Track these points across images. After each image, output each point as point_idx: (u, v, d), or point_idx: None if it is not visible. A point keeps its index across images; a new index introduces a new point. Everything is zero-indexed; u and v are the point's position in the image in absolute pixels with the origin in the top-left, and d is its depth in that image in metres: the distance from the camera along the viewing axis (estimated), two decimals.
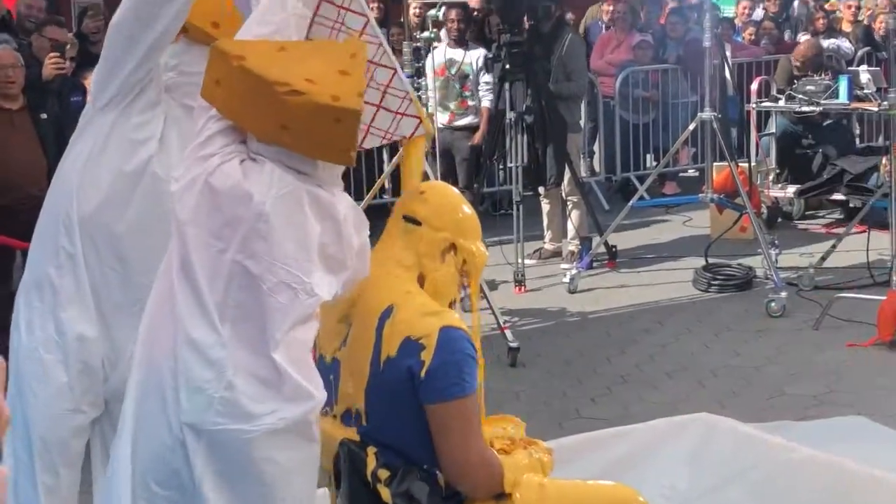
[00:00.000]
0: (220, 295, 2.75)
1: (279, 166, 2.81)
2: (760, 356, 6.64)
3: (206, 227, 2.80)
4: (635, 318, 7.64)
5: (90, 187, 3.39)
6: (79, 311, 3.40)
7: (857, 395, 5.87)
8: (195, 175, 2.84)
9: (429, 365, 2.98)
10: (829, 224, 10.09)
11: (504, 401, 5.89)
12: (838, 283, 7.89)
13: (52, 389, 3.40)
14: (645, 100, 11.57)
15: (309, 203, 2.80)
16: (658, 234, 10.05)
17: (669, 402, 5.83)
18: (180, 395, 2.75)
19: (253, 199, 2.76)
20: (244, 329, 2.75)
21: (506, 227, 8.57)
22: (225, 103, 2.86)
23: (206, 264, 2.78)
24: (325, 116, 2.76)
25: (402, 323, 3.03)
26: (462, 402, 3.01)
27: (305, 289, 2.77)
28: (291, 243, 2.77)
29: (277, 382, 2.73)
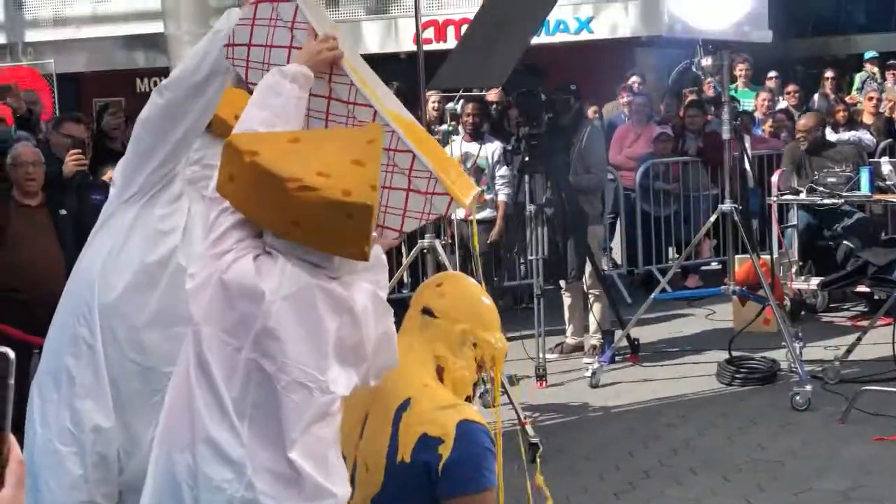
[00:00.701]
0: (237, 392, 2.76)
1: (293, 261, 2.81)
2: (786, 450, 6.58)
3: (220, 325, 2.81)
4: (659, 412, 7.60)
5: (112, 277, 3.43)
6: (96, 401, 3.41)
7: (887, 490, 5.80)
8: (209, 272, 2.86)
9: (447, 459, 2.97)
10: (854, 316, 10.05)
11: (523, 497, 5.84)
12: (864, 375, 7.83)
13: (66, 481, 3.40)
14: (666, 192, 11.63)
15: (323, 300, 2.80)
16: (681, 327, 10.03)
17: (694, 498, 5.78)
18: (200, 494, 2.74)
19: (265, 297, 2.76)
20: (263, 427, 2.74)
21: (527, 321, 8.57)
22: (238, 198, 2.88)
23: (222, 363, 2.79)
24: (337, 212, 2.76)
25: (419, 416, 3.03)
26: (481, 496, 3.01)
27: (321, 387, 2.76)
28: (304, 342, 2.77)
29: (297, 482, 2.72)
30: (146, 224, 3.45)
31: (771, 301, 8.18)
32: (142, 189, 3.45)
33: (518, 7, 7.30)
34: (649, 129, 11.93)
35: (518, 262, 10.63)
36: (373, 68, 3.61)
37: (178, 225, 3.49)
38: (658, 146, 11.68)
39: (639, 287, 11.50)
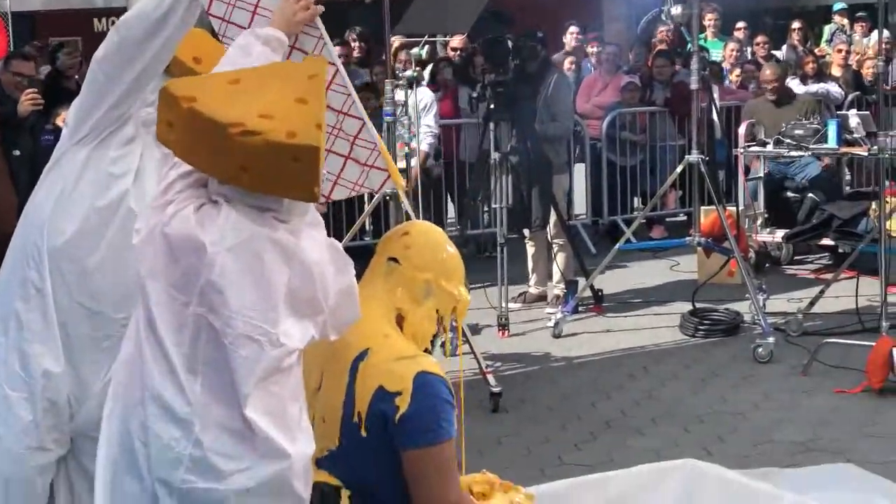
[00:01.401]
0: (186, 348, 2.71)
1: (238, 209, 2.76)
2: (747, 402, 6.62)
3: (166, 279, 2.75)
4: (621, 363, 7.62)
5: (62, 220, 3.37)
6: (45, 345, 3.37)
7: (845, 443, 5.85)
8: (153, 225, 2.81)
9: (404, 410, 2.97)
10: (818, 269, 10.10)
11: (485, 447, 5.86)
12: (827, 328, 7.88)
13: (17, 427, 3.37)
14: (632, 142, 11.62)
15: (270, 250, 2.74)
16: (645, 278, 10.05)
17: (654, 449, 5.80)
18: (150, 451, 2.71)
19: (206, 250, 2.70)
20: (215, 383, 2.70)
21: (490, 270, 8.57)
22: (181, 147, 2.80)
23: (170, 318, 2.74)
24: (283, 156, 2.70)
25: (376, 367, 3.02)
26: (439, 447, 3.00)
27: (271, 340, 2.71)
28: (251, 294, 2.71)
29: (250, 438, 2.69)
30: (98, 167, 3.38)
31: (735, 253, 8.20)
32: (94, 130, 3.39)
33: None
34: (617, 79, 11.90)
35: (482, 211, 10.62)
36: (337, 13, 3.56)
37: (130, 168, 3.42)
38: (625, 95, 11.66)
39: (603, 237, 11.53)
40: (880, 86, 7.94)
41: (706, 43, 13.07)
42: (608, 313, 8.82)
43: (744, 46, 13.68)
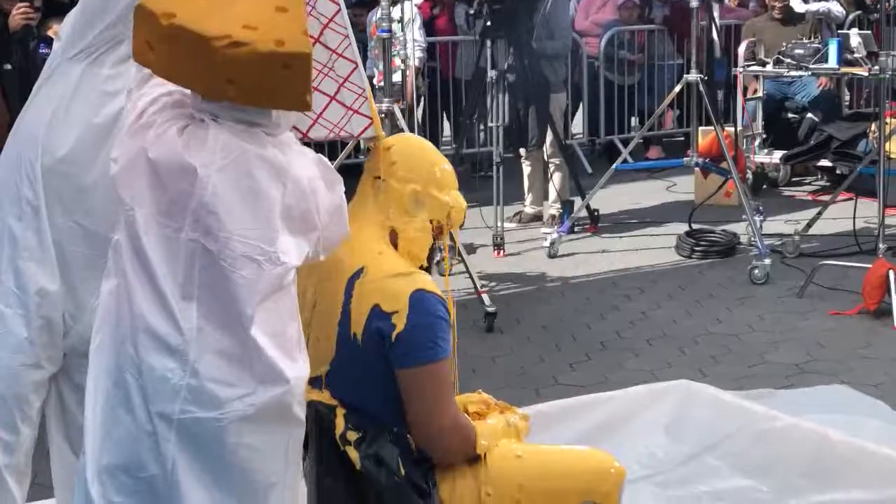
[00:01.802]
0: (182, 277, 2.67)
1: (226, 128, 2.70)
2: (742, 324, 6.65)
3: (154, 207, 2.70)
4: (616, 284, 7.64)
5: (57, 137, 3.33)
6: (40, 264, 3.35)
7: (840, 364, 5.87)
8: (134, 152, 2.74)
9: (400, 328, 2.96)
10: (816, 191, 10.11)
11: (480, 367, 5.89)
12: (823, 250, 7.90)
13: (11, 344, 3.36)
14: (630, 61, 11.54)
15: (260, 167, 2.69)
16: (641, 198, 10.04)
17: (649, 370, 5.82)
18: (145, 384, 2.69)
19: (197, 173, 2.65)
20: (213, 308, 2.66)
21: (485, 190, 8.55)
22: (161, 65, 2.72)
23: (161, 248, 2.69)
24: (273, 65, 2.63)
25: (372, 284, 3.01)
26: (435, 366, 3.00)
27: (270, 258, 2.67)
28: (246, 214, 2.67)
29: (249, 362, 2.66)
30: (92, 84, 3.33)
31: (733, 174, 8.18)
32: (89, 47, 3.33)
33: None
34: None
35: (477, 129, 10.58)
36: None
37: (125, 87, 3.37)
38: (624, 13, 11.58)
39: (600, 157, 11.51)
40: (883, 5, 7.87)
41: None
42: (604, 234, 8.84)
43: None
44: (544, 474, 3.19)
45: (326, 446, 3.07)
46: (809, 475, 4.44)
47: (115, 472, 2.71)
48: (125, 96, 3.23)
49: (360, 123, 3.43)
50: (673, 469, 4.72)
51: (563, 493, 3.18)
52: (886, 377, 5.64)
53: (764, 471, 4.57)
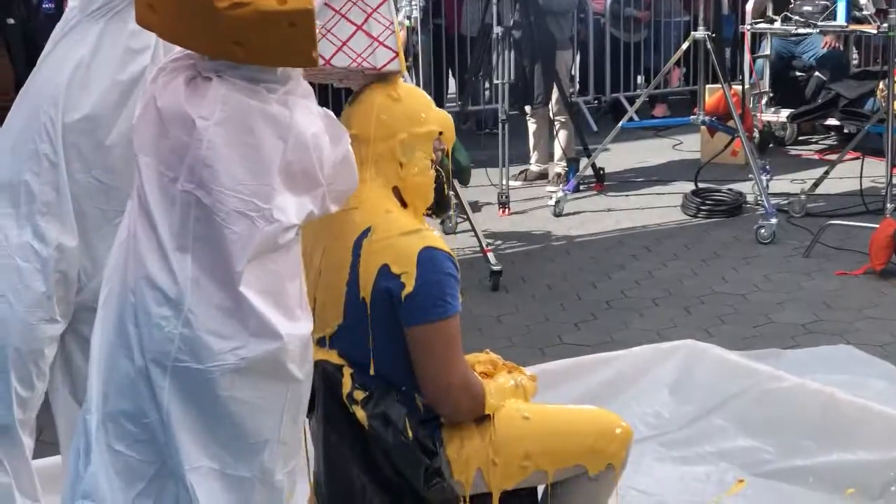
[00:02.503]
0: (177, 227, 2.67)
1: (229, 84, 2.68)
2: (748, 283, 6.66)
3: (156, 155, 2.70)
4: (622, 242, 7.65)
5: (79, 94, 3.32)
6: (59, 219, 3.36)
7: (846, 324, 5.89)
8: (147, 99, 2.75)
9: (409, 288, 2.96)
10: (823, 150, 10.09)
11: (485, 325, 5.91)
12: (830, 210, 7.90)
13: (29, 299, 3.37)
14: (636, 18, 11.49)
15: (262, 124, 2.68)
16: (647, 156, 10.04)
17: (654, 329, 5.84)
18: (142, 332, 2.70)
19: (195, 124, 2.64)
20: (208, 261, 2.66)
21: (490, 147, 8.55)
22: (166, 29, 2.72)
23: (160, 195, 2.69)
24: (279, 23, 2.62)
25: (380, 242, 3.01)
26: (445, 323, 3.00)
27: (264, 215, 2.65)
28: (242, 169, 2.65)
29: (241, 316, 2.66)
30: (116, 41, 3.32)
31: (740, 132, 8.18)
32: (109, 2, 3.32)
33: None
34: None
35: (483, 87, 10.54)
36: None
37: (149, 43, 3.35)
38: None
39: (605, 115, 11.47)
40: None
41: None
42: (609, 192, 8.84)
43: None
44: (551, 435, 3.20)
45: (333, 405, 3.08)
46: (815, 435, 4.46)
47: (118, 418, 2.73)
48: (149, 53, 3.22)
49: (384, 56, 3.40)
50: (678, 429, 4.75)
51: (570, 453, 3.20)
52: (892, 337, 5.66)
53: (769, 431, 4.58)
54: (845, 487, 4.21)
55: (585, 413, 3.40)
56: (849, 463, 4.29)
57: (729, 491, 4.36)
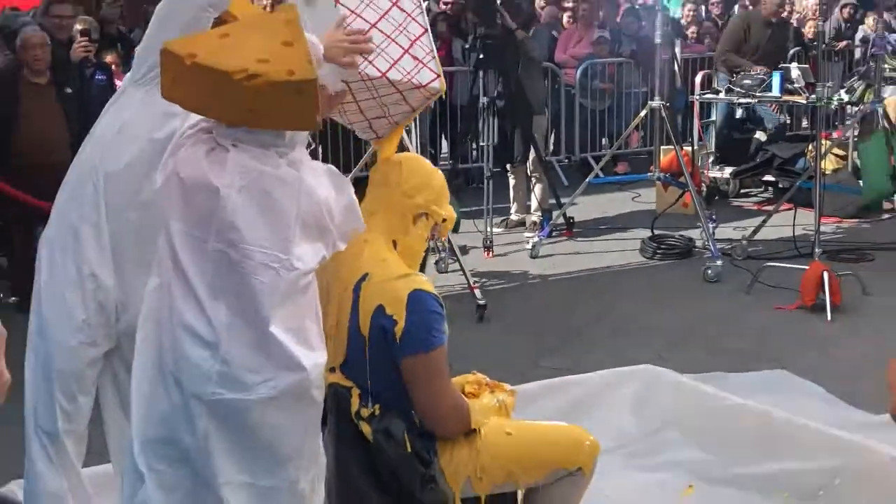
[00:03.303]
0: (210, 278, 2.69)
1: (245, 152, 2.71)
2: (697, 316, 6.66)
3: (185, 219, 2.72)
4: (589, 281, 7.65)
5: (122, 148, 3.36)
6: (98, 257, 3.38)
7: (781, 352, 5.88)
8: (170, 171, 2.77)
9: (401, 325, 2.97)
10: (761, 202, 10.10)
11: (472, 352, 5.86)
12: (767, 254, 7.90)
13: (71, 325, 3.39)
14: (601, 89, 11.55)
15: (277, 187, 2.70)
16: (610, 207, 10.04)
17: (617, 355, 5.81)
18: (181, 372, 2.72)
19: (219, 192, 2.66)
20: (238, 306, 2.67)
21: (477, 199, 8.56)
22: (188, 100, 2.75)
23: (191, 254, 2.72)
24: (288, 92, 2.64)
25: (376, 286, 3.02)
26: (432, 354, 3.00)
27: (285, 265, 2.68)
28: (263, 227, 2.68)
29: (270, 353, 2.67)
30: (154, 104, 3.33)
31: (690, 187, 8.20)
32: (150, 72, 3.34)
33: None
34: (590, 32, 11.79)
35: (471, 148, 10.59)
36: None
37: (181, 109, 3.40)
38: (597, 48, 11.57)
39: (575, 172, 11.48)
40: (819, 43, 7.88)
41: (668, 3, 12.93)
42: (578, 238, 8.84)
43: (699, 6, 13.53)
44: (529, 447, 3.21)
45: (343, 422, 3.09)
46: (754, 448, 4.46)
47: (156, 444, 2.75)
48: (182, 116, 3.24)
49: (427, 75, 3.39)
50: (638, 441, 4.74)
51: (546, 462, 3.21)
52: (821, 364, 5.66)
53: (715, 443, 4.58)
54: (781, 491, 4.21)
55: (559, 429, 3.40)
56: (784, 471, 4.28)
57: (681, 494, 4.35)
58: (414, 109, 3.49)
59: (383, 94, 3.37)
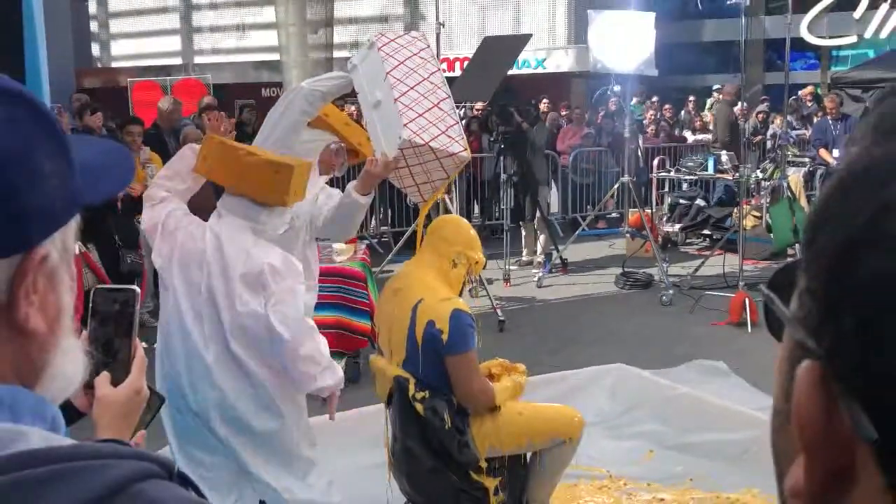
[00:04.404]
0: (208, 331, 2.67)
1: (224, 224, 2.67)
2: (656, 329, 6.58)
3: (185, 289, 2.69)
4: (578, 304, 7.59)
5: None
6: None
7: (716, 355, 5.78)
8: (169, 249, 2.71)
9: (445, 335, 2.95)
10: (700, 248, 10.01)
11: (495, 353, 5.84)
12: (706, 285, 7.81)
13: None
14: (587, 169, 11.53)
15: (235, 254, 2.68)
16: (593, 252, 9.98)
17: (597, 357, 5.76)
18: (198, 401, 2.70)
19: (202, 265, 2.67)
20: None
21: (499, 246, 8.54)
22: (208, 170, 2.75)
23: (191, 310, 2.67)
24: (269, 168, 2.65)
25: (427, 307, 3.00)
26: (466, 354, 2.99)
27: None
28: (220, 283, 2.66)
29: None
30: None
31: (650, 238, 8.15)
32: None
33: (499, 51, 7.19)
34: (581, 129, 11.79)
35: (494, 210, 10.60)
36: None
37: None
38: (585, 140, 11.57)
39: (568, 227, 11.44)
40: (740, 136, 7.83)
41: (633, 107, 12.92)
42: (571, 273, 8.78)
43: (657, 111, 13.51)
44: (536, 422, 3.17)
45: (403, 402, 3.06)
46: (696, 422, 4.40)
47: (193, 455, 2.76)
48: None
49: (457, 148, 3.25)
50: (614, 418, 4.69)
51: (547, 432, 3.17)
52: (743, 364, 5.56)
53: (670, 419, 4.53)
54: (714, 455, 4.14)
55: (556, 409, 3.36)
56: (718, 440, 4.23)
57: (645, 457, 4.29)
58: (448, 176, 3.37)
59: (427, 159, 3.27)
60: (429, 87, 3.23)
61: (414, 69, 3.22)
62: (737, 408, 4.42)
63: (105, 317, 1.20)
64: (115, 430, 1.16)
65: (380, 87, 3.12)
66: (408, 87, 3.15)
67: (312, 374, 2.66)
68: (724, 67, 21.29)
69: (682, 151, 11.69)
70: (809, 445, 0.42)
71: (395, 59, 3.18)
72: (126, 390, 1.19)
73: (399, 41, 3.26)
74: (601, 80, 12.13)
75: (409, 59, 3.24)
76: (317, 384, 2.68)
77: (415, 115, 3.15)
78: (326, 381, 2.69)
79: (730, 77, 15.73)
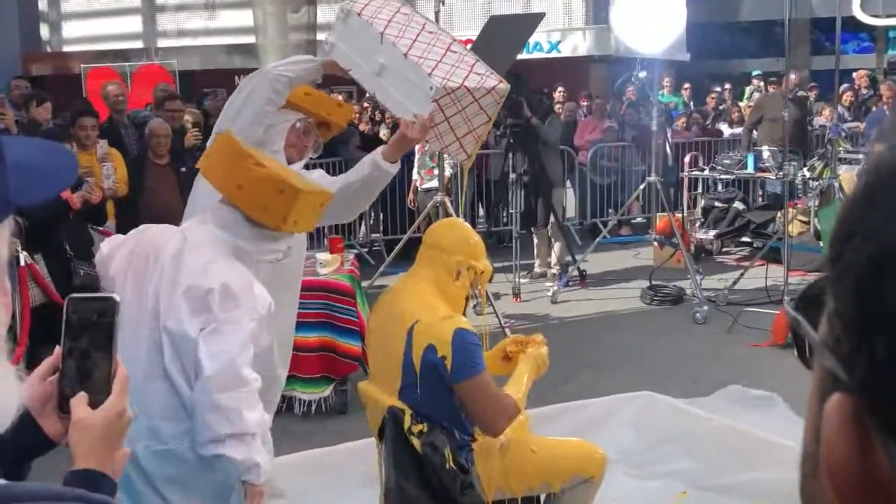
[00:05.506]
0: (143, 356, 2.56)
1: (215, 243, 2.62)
2: (687, 352, 6.59)
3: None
4: (598, 322, 7.60)
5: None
6: None
7: (756, 381, 5.77)
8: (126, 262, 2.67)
9: (449, 359, 2.94)
10: (739, 258, 10.02)
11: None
12: (745, 300, 7.81)
13: None
14: (608, 167, 11.56)
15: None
16: (616, 263, 9.99)
17: (620, 383, 5.76)
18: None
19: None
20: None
21: (507, 256, 8.56)
22: (209, 168, 2.76)
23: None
24: (273, 185, 2.61)
25: (425, 327, 2.98)
26: (478, 378, 2.97)
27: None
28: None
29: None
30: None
31: (681, 246, 8.16)
32: None
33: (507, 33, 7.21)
34: (602, 122, 11.82)
35: (502, 214, 10.61)
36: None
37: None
38: (606, 135, 11.59)
39: (587, 234, 11.46)
40: (784, 131, 7.86)
41: (662, 97, 12.94)
42: (590, 287, 8.79)
43: (687, 101, 13.53)
44: (551, 461, 3.17)
45: (397, 436, 3.06)
46: (735, 460, 4.39)
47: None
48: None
49: (492, 81, 3.21)
50: (639, 454, 4.69)
51: (564, 471, 3.17)
52: (788, 390, 5.55)
53: (704, 456, 4.52)
54: (759, 498, 4.13)
55: (574, 443, 3.37)
56: (761, 479, 4.21)
57: (676, 498, 4.29)
58: (489, 118, 3.29)
59: (465, 104, 3.19)
60: (431, 36, 3.22)
61: (406, 24, 3.20)
62: (782, 442, 4.41)
63: (80, 329, 1.19)
64: (95, 459, 1.14)
65: (378, 52, 3.09)
66: (411, 39, 3.13)
67: (218, 433, 2.36)
68: (765, 50, 21.40)
69: (718, 147, 11.70)
70: (843, 492, 0.41)
71: (381, 18, 3.17)
72: (106, 413, 1.18)
73: (374, 3, 3.25)
74: (624, 66, 12.14)
75: (396, 15, 3.22)
76: (218, 450, 2.36)
77: (434, 62, 3.09)
78: (233, 452, 2.36)
79: (772, 62, 15.79)
